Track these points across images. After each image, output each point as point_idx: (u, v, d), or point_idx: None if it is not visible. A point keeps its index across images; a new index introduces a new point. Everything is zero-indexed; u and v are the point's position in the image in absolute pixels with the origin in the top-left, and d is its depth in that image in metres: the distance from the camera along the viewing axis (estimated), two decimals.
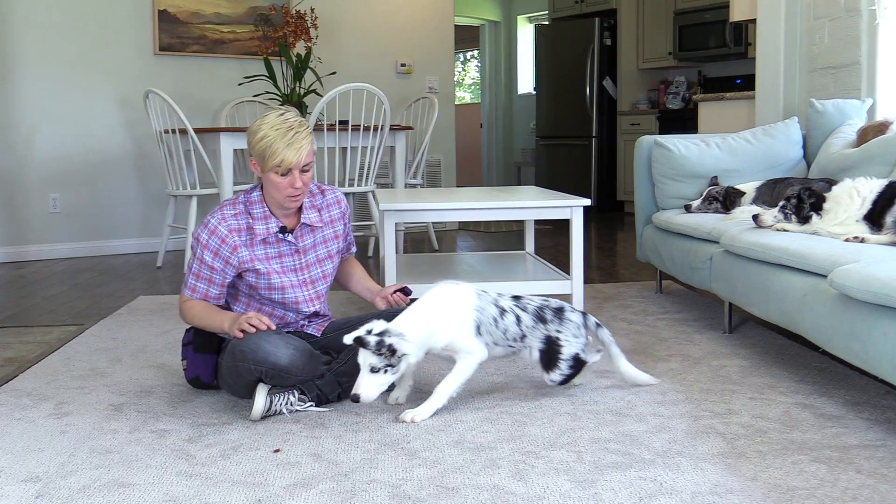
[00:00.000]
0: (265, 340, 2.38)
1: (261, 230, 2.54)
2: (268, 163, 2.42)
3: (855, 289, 2.19)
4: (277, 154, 2.39)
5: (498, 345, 2.50)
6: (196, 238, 2.54)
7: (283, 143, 2.39)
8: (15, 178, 5.68)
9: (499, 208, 3.50)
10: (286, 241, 2.59)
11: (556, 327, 2.53)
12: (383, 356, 2.29)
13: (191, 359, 2.61)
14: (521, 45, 10.74)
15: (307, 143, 2.44)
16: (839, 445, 2.14)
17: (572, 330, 2.54)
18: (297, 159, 2.41)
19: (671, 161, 3.95)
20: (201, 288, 2.55)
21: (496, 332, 2.48)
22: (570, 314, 2.58)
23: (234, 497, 1.89)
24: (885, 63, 3.98)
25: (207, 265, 2.52)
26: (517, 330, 2.51)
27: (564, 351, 2.52)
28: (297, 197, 2.50)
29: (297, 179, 2.45)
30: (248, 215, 2.55)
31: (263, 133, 2.42)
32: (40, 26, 5.67)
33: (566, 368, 2.52)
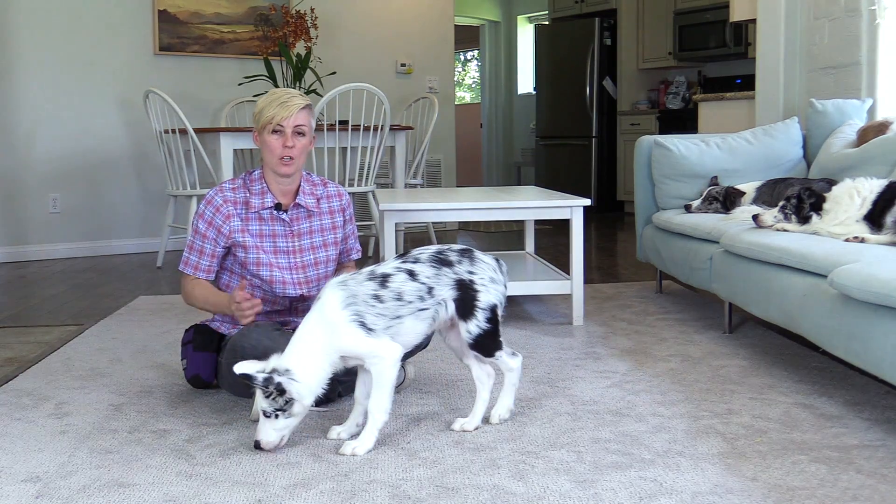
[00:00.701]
0: (266, 337, 2.39)
1: (256, 203, 2.58)
2: (263, 120, 2.52)
3: (855, 289, 2.19)
4: (271, 110, 2.50)
5: (401, 318, 2.13)
6: (196, 212, 2.61)
7: (276, 102, 2.51)
8: (15, 178, 5.68)
9: (499, 208, 3.50)
10: (280, 218, 2.61)
11: (468, 268, 2.20)
12: (271, 398, 2.06)
13: (190, 357, 2.61)
14: (521, 45, 10.74)
15: (300, 104, 2.51)
16: (839, 445, 2.14)
17: (488, 272, 2.21)
18: (288, 114, 2.49)
19: (671, 161, 3.95)
20: (193, 260, 2.59)
21: (388, 306, 2.11)
22: (483, 255, 2.26)
23: (234, 497, 1.88)
24: (885, 63, 3.98)
25: (201, 234, 2.57)
26: (415, 286, 2.14)
27: (481, 297, 2.18)
28: (290, 163, 2.53)
29: (289, 139, 2.50)
30: (247, 190, 2.60)
31: (262, 99, 2.57)
32: (40, 26, 5.67)
33: (483, 320, 2.18)
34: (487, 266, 2.23)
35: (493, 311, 2.21)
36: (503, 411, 2.34)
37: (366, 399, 2.20)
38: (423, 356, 2.94)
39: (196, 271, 2.59)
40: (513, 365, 2.30)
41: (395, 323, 2.14)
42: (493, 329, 2.21)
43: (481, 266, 2.22)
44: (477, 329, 2.19)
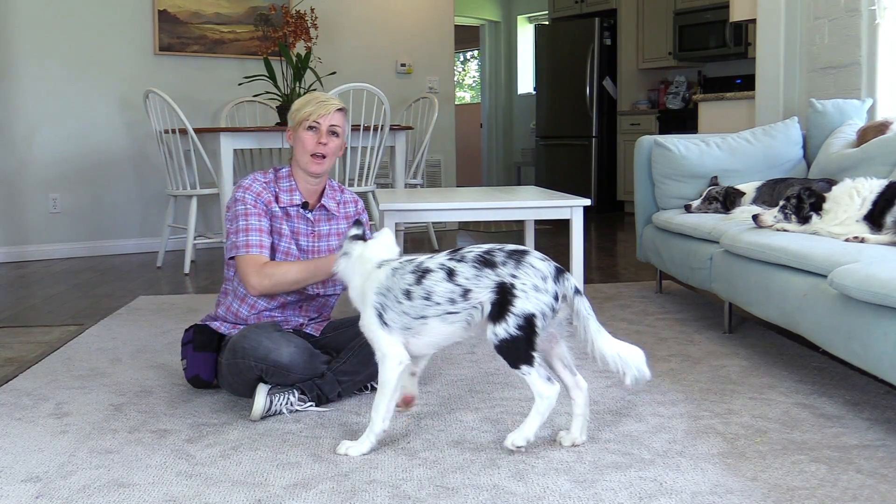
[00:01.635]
0: (266, 337, 2.39)
1: (285, 199, 2.61)
2: (299, 116, 2.57)
3: (855, 289, 2.19)
4: (309, 108, 2.57)
5: (426, 318, 2.08)
6: (233, 199, 2.58)
7: (314, 102, 2.59)
8: (15, 178, 5.68)
9: (499, 208, 3.50)
10: (305, 217, 2.64)
11: (512, 271, 2.02)
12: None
13: (190, 357, 2.61)
14: (521, 45, 10.74)
15: (336, 106, 2.59)
16: (839, 445, 2.14)
17: (533, 279, 2.01)
18: (325, 112, 2.56)
19: (671, 161, 3.95)
20: (254, 239, 2.51)
21: (414, 305, 2.07)
22: (535, 260, 2.04)
23: (234, 497, 1.88)
24: (885, 63, 3.98)
25: (244, 214, 2.54)
26: (448, 287, 2.05)
27: (517, 303, 2.00)
28: (321, 161, 2.58)
29: (323, 136, 2.56)
30: (277, 186, 2.63)
31: (300, 99, 2.64)
32: (40, 26, 5.67)
33: (513, 326, 2.00)
34: (535, 272, 2.02)
35: (529, 321, 2.00)
36: (518, 438, 2.10)
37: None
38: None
39: (250, 249, 2.49)
40: (544, 392, 2.05)
41: (417, 324, 2.09)
42: (523, 338, 2.01)
43: (527, 271, 2.02)
44: (504, 333, 2.01)
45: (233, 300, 2.65)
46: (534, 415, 2.09)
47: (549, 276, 2.03)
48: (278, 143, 5.29)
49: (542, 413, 2.09)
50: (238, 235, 2.52)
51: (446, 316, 2.07)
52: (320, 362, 2.51)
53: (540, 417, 2.09)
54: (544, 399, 2.07)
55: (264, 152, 6.28)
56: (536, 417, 2.09)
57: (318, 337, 2.70)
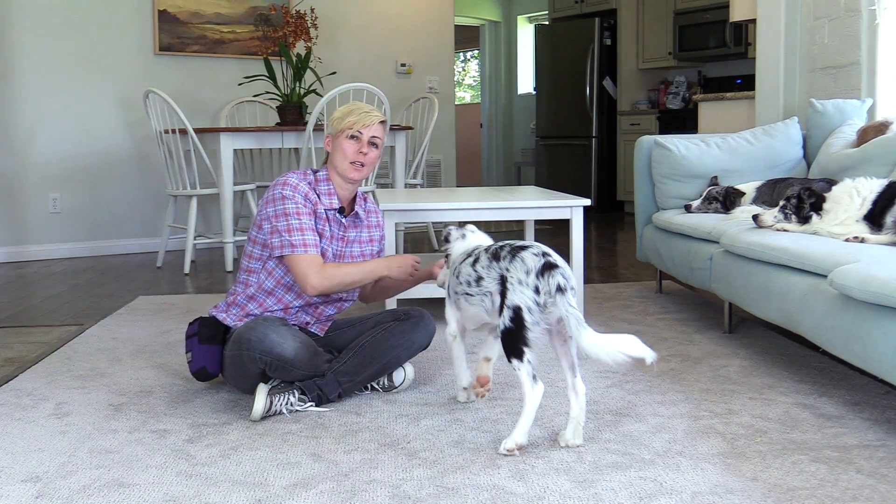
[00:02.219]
0: (272, 330, 2.39)
1: (325, 202, 2.62)
2: (342, 125, 2.60)
3: (855, 289, 2.19)
4: (352, 118, 2.59)
5: (458, 295, 2.31)
6: (280, 197, 2.53)
7: (358, 112, 2.61)
8: (15, 178, 5.68)
9: (499, 208, 3.50)
10: (339, 222, 2.65)
11: (507, 265, 2.14)
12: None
13: (196, 350, 2.60)
14: (521, 45, 10.74)
15: (379, 117, 2.63)
16: (839, 445, 2.14)
17: (518, 273, 2.10)
18: (367, 122, 2.59)
19: (671, 161, 3.95)
20: (310, 239, 2.52)
21: (453, 280, 2.33)
22: (525, 253, 2.13)
23: (234, 497, 1.89)
24: (885, 63, 3.98)
25: (306, 214, 2.54)
26: (469, 271, 2.24)
27: (508, 295, 2.10)
28: (361, 168, 2.60)
29: (364, 146, 2.58)
30: (315, 189, 2.63)
31: (343, 107, 2.66)
32: (40, 26, 5.67)
33: (507, 319, 2.09)
34: (521, 266, 2.10)
35: (517, 313, 2.07)
36: (509, 442, 2.12)
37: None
38: (423, 356, 2.95)
39: (307, 248, 2.49)
40: (527, 391, 2.09)
41: (455, 298, 2.34)
42: (514, 330, 2.08)
43: (517, 265, 2.11)
44: (503, 324, 2.10)
45: (257, 293, 2.62)
46: (522, 417, 2.12)
47: (532, 270, 2.09)
48: (278, 143, 5.29)
49: (528, 414, 2.11)
50: (293, 234, 2.50)
51: (466, 296, 2.27)
52: (323, 361, 2.51)
53: (527, 419, 2.12)
54: (527, 399, 2.10)
55: (264, 152, 6.28)
56: (524, 421, 2.12)
57: (322, 336, 2.70)
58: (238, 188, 5.32)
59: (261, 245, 2.60)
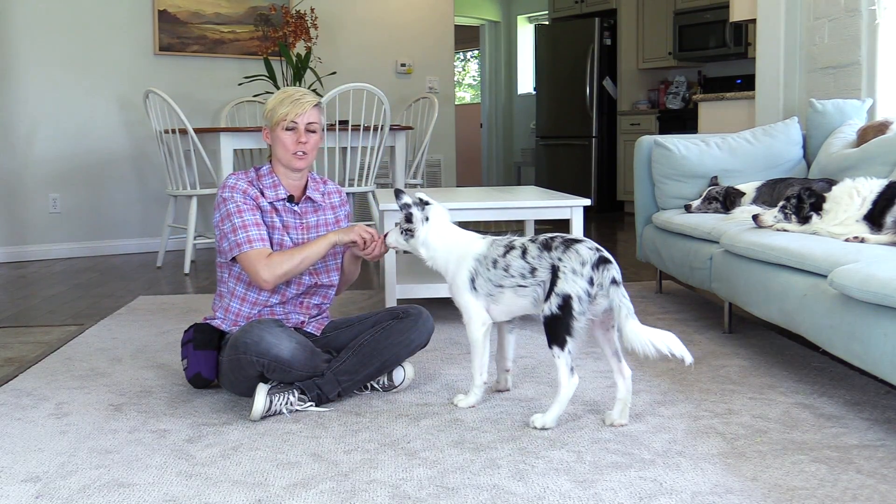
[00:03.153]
0: (268, 333, 2.39)
1: (270, 195, 2.61)
2: (276, 117, 2.57)
3: (855, 289, 2.19)
4: (285, 108, 2.56)
5: (503, 288, 2.34)
6: (221, 200, 2.57)
7: (289, 100, 2.58)
8: (15, 178, 5.68)
9: (499, 208, 3.50)
10: (292, 210, 2.65)
11: (560, 255, 2.24)
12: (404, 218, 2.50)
13: (191, 356, 2.61)
14: (521, 45, 10.74)
15: (312, 102, 2.59)
16: (839, 445, 2.14)
17: (573, 263, 2.22)
18: (301, 111, 2.56)
19: (671, 161, 3.95)
20: (255, 234, 2.52)
21: (497, 274, 2.34)
22: (581, 246, 2.24)
23: (234, 497, 1.89)
24: (885, 63, 3.98)
25: (248, 210, 2.54)
26: (521, 263, 2.31)
27: (559, 283, 2.21)
28: (303, 157, 2.59)
29: (302, 134, 2.57)
30: (259, 185, 2.63)
31: (275, 96, 2.62)
32: (40, 26, 5.67)
33: (555, 305, 2.21)
34: (577, 257, 2.21)
35: (566, 301, 2.19)
36: (538, 420, 2.29)
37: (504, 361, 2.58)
38: (423, 356, 2.95)
39: (253, 244, 2.51)
40: (563, 381, 2.24)
41: (497, 291, 2.36)
42: (560, 317, 2.20)
43: (571, 255, 2.22)
44: (548, 310, 2.22)
45: (231, 301, 2.65)
46: (555, 404, 2.28)
47: (588, 262, 2.21)
48: None
49: (562, 402, 2.27)
50: (237, 233, 2.52)
51: (517, 289, 2.32)
52: (321, 360, 2.51)
53: (559, 406, 2.27)
54: (562, 388, 2.25)
55: (264, 152, 6.27)
56: (557, 406, 2.28)
57: (319, 336, 2.70)
58: None
59: (219, 252, 2.64)
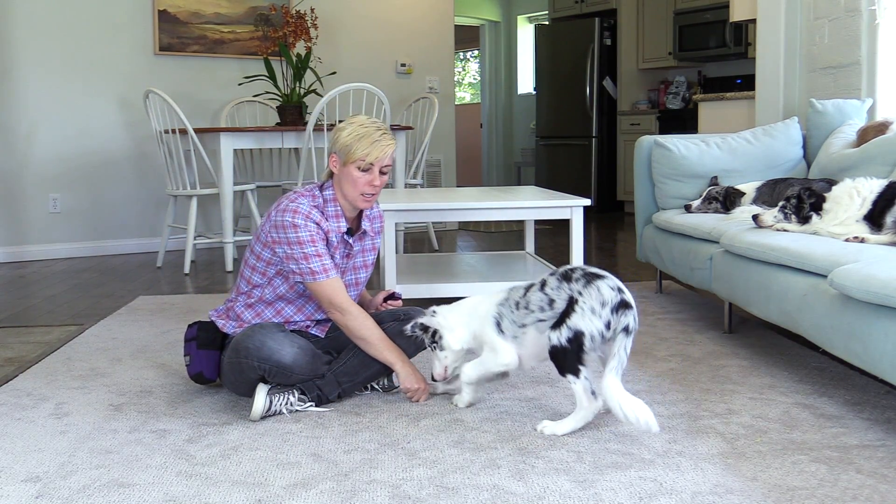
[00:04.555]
0: (270, 338, 2.39)
1: (333, 228, 2.55)
2: (352, 155, 2.46)
3: (855, 289, 2.19)
4: (363, 148, 2.46)
5: (525, 327, 2.31)
6: (292, 225, 2.46)
7: (369, 140, 2.47)
8: (15, 178, 5.68)
9: (499, 208, 3.50)
10: (347, 242, 2.60)
11: (580, 288, 2.19)
12: (424, 335, 2.48)
13: (194, 355, 2.60)
14: (521, 45, 10.74)
15: (392, 145, 2.51)
16: (839, 445, 2.14)
17: (593, 301, 2.16)
18: (381, 155, 2.47)
19: (671, 161, 3.95)
20: (329, 263, 2.48)
21: (520, 314, 2.32)
22: (603, 284, 2.18)
23: (234, 497, 1.89)
24: (885, 63, 3.98)
25: (320, 242, 2.49)
26: (540, 296, 2.27)
27: (573, 317, 2.17)
28: (370, 198, 2.53)
29: (376, 178, 2.49)
30: (322, 211, 2.55)
31: (352, 129, 2.49)
32: (40, 26, 5.67)
33: (563, 338, 2.18)
34: (597, 296, 2.16)
35: (578, 337, 2.16)
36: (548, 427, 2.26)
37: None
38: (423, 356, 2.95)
39: (328, 273, 2.47)
40: (584, 403, 2.21)
41: (520, 332, 2.33)
42: (571, 351, 2.17)
43: (591, 292, 2.17)
44: (556, 340, 2.19)
45: (257, 302, 2.61)
46: (571, 418, 2.25)
47: (608, 303, 2.16)
48: (278, 143, 5.29)
49: (578, 420, 2.24)
50: (310, 261, 2.46)
51: (538, 324, 2.28)
52: (322, 363, 2.51)
53: (575, 422, 2.24)
54: (581, 410, 2.22)
55: (264, 152, 6.28)
56: (572, 421, 2.25)
57: (322, 337, 2.70)
58: (238, 188, 5.32)
59: (265, 262, 2.56)
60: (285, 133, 5.27)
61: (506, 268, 3.97)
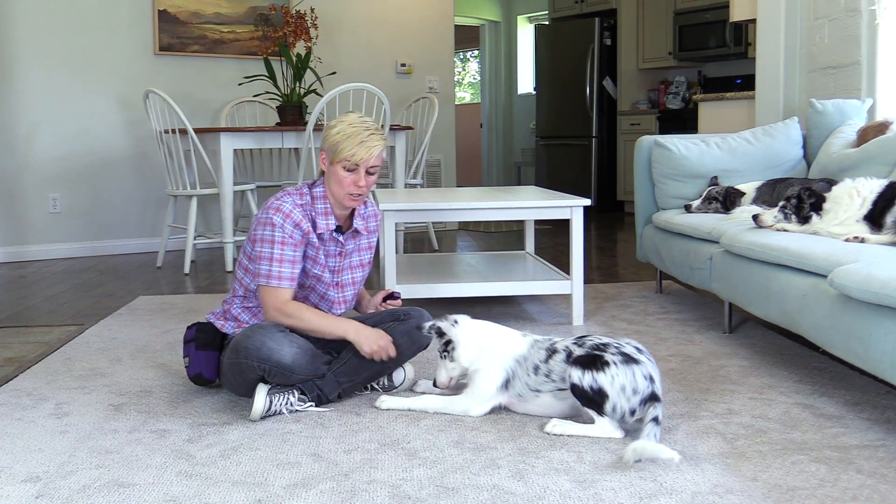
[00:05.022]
0: (269, 338, 2.39)
1: (322, 225, 2.55)
2: (338, 155, 2.46)
3: (855, 289, 2.19)
4: (350, 148, 2.45)
5: (540, 393, 2.32)
6: (269, 223, 2.48)
7: (356, 140, 2.46)
8: (15, 178, 5.68)
9: (499, 208, 3.50)
10: (336, 240, 2.61)
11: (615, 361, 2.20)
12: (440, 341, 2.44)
13: (193, 356, 2.61)
14: (521, 45, 10.74)
15: (380, 146, 2.49)
16: (839, 445, 2.14)
17: (625, 380, 2.17)
18: (366, 156, 2.46)
19: (671, 161, 3.95)
20: (286, 272, 2.47)
21: (537, 380, 2.32)
22: (639, 372, 2.18)
23: (234, 497, 1.89)
24: (885, 63, 3.98)
25: (290, 245, 2.48)
26: (564, 367, 2.28)
27: (602, 377, 2.18)
28: (357, 198, 2.53)
29: (361, 178, 2.49)
30: (313, 209, 2.56)
31: (341, 128, 2.48)
32: (40, 26, 5.67)
33: (589, 389, 2.18)
34: (629, 380, 2.17)
35: (602, 397, 2.18)
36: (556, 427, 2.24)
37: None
38: (424, 356, 2.94)
39: (281, 281, 2.47)
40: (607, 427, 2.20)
41: (531, 395, 2.34)
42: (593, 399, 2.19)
43: (626, 373, 2.18)
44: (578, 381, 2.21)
45: (256, 305, 2.63)
46: (583, 427, 2.23)
47: (640, 392, 2.18)
48: (278, 143, 5.29)
49: (590, 433, 2.21)
50: (272, 264, 2.47)
51: (558, 392, 2.30)
52: (322, 363, 2.51)
53: (586, 432, 2.22)
54: (604, 431, 2.20)
55: (264, 152, 6.28)
56: (584, 429, 2.23)
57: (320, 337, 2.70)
58: (238, 188, 5.32)
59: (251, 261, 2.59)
60: (285, 133, 5.27)
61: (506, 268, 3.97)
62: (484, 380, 2.38)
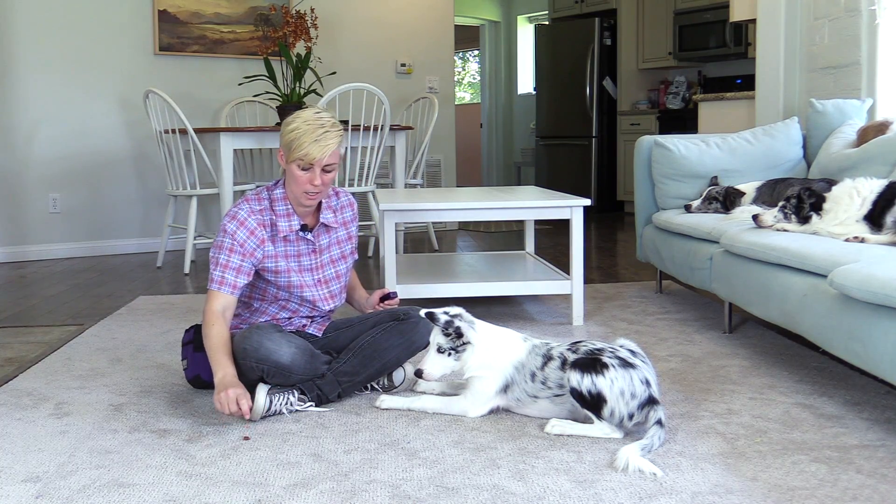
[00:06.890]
0: (267, 339, 2.39)
1: (284, 227, 2.54)
2: (292, 154, 2.44)
3: (855, 289, 2.19)
4: (303, 147, 2.42)
5: (537, 399, 2.32)
6: (223, 230, 2.50)
7: (310, 138, 2.42)
8: (15, 178, 5.68)
9: (499, 208, 3.50)
10: (305, 239, 2.60)
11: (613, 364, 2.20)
12: (450, 338, 2.34)
13: (191, 358, 2.61)
14: (521, 45, 10.74)
15: (334, 144, 2.46)
16: (839, 445, 2.14)
17: (624, 384, 2.17)
18: (320, 156, 2.43)
19: (671, 161, 3.95)
20: (230, 279, 2.47)
21: (534, 387, 2.32)
22: (636, 377, 2.18)
23: (234, 497, 1.89)
24: (885, 63, 3.98)
25: (238, 254, 2.48)
26: (560, 374, 2.28)
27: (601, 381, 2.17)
28: (314, 196, 2.52)
29: (316, 177, 2.46)
30: (272, 211, 2.55)
31: (295, 125, 2.45)
32: (40, 26, 5.67)
33: (587, 392, 2.18)
34: (630, 384, 2.17)
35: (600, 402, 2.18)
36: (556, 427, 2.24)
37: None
38: None
39: (221, 286, 2.46)
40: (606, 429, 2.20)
41: (529, 400, 2.34)
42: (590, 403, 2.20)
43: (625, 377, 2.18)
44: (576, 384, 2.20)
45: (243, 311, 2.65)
46: (583, 427, 2.23)
47: (637, 397, 2.18)
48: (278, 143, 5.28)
49: (589, 433, 2.22)
50: (216, 268, 2.48)
51: (555, 398, 2.30)
52: (321, 363, 2.51)
53: (585, 432, 2.22)
54: (604, 431, 2.21)
55: (264, 152, 6.28)
56: (583, 429, 2.23)
57: (320, 337, 2.70)
58: (238, 188, 5.32)
59: None
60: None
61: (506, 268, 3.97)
62: (483, 383, 2.38)
